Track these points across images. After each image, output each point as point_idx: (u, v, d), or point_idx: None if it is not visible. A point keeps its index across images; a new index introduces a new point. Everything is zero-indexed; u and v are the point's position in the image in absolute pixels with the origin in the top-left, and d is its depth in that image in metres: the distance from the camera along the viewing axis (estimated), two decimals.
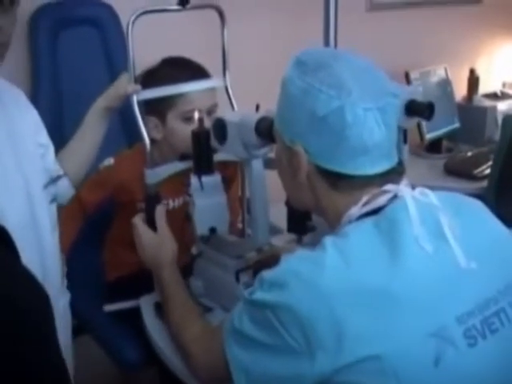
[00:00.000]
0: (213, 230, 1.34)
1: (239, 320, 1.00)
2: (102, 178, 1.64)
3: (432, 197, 0.99)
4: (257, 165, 1.26)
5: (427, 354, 0.87)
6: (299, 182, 1.04)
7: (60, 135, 1.82)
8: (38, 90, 1.95)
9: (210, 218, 1.33)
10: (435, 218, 0.96)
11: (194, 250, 1.51)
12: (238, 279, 1.37)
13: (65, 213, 1.65)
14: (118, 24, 2.02)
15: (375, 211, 0.98)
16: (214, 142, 1.30)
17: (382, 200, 0.98)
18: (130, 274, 1.73)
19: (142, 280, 1.51)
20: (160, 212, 1.38)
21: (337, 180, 1.00)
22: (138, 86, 1.43)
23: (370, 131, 0.97)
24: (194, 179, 1.34)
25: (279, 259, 1.35)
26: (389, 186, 0.99)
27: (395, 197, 0.98)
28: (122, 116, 1.88)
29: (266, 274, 0.97)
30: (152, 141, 1.55)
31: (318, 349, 0.88)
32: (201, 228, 1.34)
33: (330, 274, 0.90)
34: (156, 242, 1.36)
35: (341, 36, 1.93)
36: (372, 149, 0.98)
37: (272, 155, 1.29)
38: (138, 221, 1.39)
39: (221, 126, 1.26)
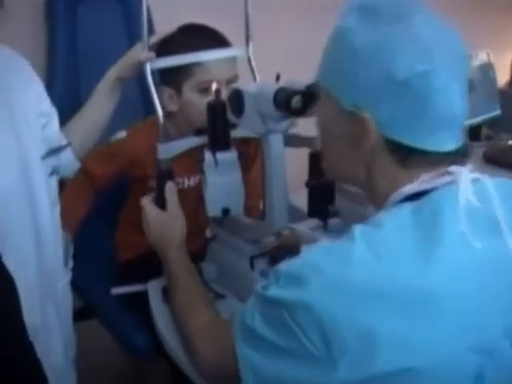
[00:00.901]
0: (226, 212, 1.23)
1: (251, 316, 0.88)
2: (113, 151, 1.54)
3: (489, 184, 0.85)
4: (275, 140, 1.14)
5: (468, 370, 0.75)
6: (355, 154, 0.90)
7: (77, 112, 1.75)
8: (55, 65, 1.87)
9: (224, 198, 1.22)
10: (489, 209, 0.83)
11: (207, 233, 1.41)
12: (252, 266, 1.26)
13: (71, 187, 1.56)
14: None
15: (419, 194, 0.85)
16: (230, 115, 1.19)
17: (437, 182, 0.85)
18: (142, 256, 1.64)
19: (153, 263, 1.41)
20: (170, 188, 1.28)
21: (407, 156, 0.86)
22: (152, 54, 1.33)
23: (454, 102, 0.84)
24: (207, 154, 1.23)
25: (300, 247, 1.25)
26: (453, 168, 0.86)
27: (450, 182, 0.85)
28: (141, 86, 1.78)
29: (284, 266, 0.85)
30: (167, 113, 1.46)
31: (341, 356, 0.76)
32: (213, 208, 1.23)
33: (357, 270, 0.78)
34: (162, 220, 1.27)
35: None
36: (453, 122, 0.85)
37: (293, 131, 1.19)
38: (146, 201, 1.30)
39: (237, 97, 1.14)
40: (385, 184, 0.89)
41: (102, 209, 1.71)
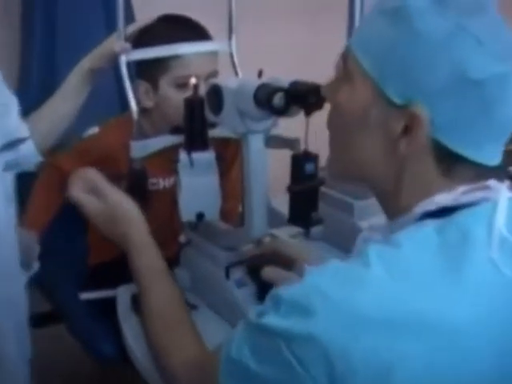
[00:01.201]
0: (200, 216, 1.14)
1: (238, 348, 0.76)
2: (85, 148, 1.45)
3: None
4: (256, 141, 1.06)
5: None
6: (387, 151, 0.78)
7: None
8: (31, 54, 1.78)
9: (198, 202, 1.14)
10: None
11: (181, 238, 1.32)
12: (228, 275, 1.17)
13: (41, 185, 1.47)
14: None
15: (444, 211, 0.75)
16: (208, 113, 1.10)
17: (473, 196, 0.75)
18: (114, 259, 1.55)
19: (126, 266, 1.33)
20: (93, 173, 1.22)
21: (455, 165, 0.76)
22: (127, 45, 1.24)
23: None
24: (182, 154, 1.14)
25: (282, 256, 1.17)
26: (492, 183, 0.76)
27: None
28: (117, 79, 1.69)
29: (285, 292, 0.73)
30: (143, 109, 1.38)
31: None
32: (186, 212, 1.14)
33: (373, 298, 0.68)
34: (104, 212, 1.18)
35: None
36: (507, 134, 0.76)
37: (276, 131, 1.10)
38: (77, 193, 1.20)
39: (216, 94, 1.06)
40: (414, 191, 0.78)
41: (74, 208, 1.62)
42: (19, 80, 1.80)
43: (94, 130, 1.43)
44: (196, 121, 1.14)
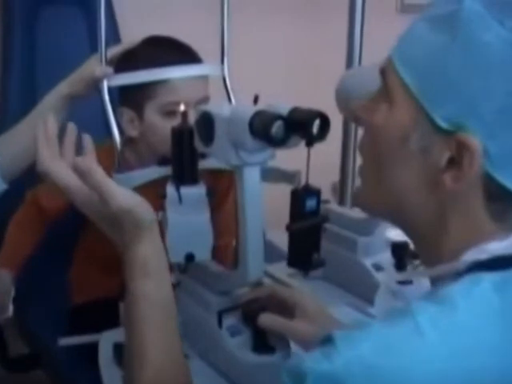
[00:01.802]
0: (190, 258, 1.02)
1: None
2: None
3: None
4: (251, 174, 0.95)
5: None
6: (429, 185, 0.68)
7: None
8: (10, 74, 1.68)
9: (188, 242, 1.02)
10: None
11: (172, 278, 1.20)
12: (220, 322, 1.06)
13: (18, 220, 1.37)
14: (108, 3, 1.74)
15: (499, 261, 0.63)
16: (198, 143, 1.00)
17: None
18: (99, 299, 1.44)
19: (112, 308, 1.22)
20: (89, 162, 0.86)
21: (508, 206, 0.65)
22: (109, 69, 1.14)
23: None
24: (170, 189, 1.03)
25: (281, 301, 1.05)
26: None
27: None
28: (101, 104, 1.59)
29: (314, 364, 0.57)
30: (128, 139, 1.27)
31: None
32: (174, 253, 1.02)
33: (430, 371, 0.55)
34: (106, 214, 0.83)
35: (367, 40, 1.65)
36: None
37: (272, 164, 0.99)
38: (51, 162, 0.85)
39: (207, 122, 0.95)
40: (461, 235, 0.67)
41: (56, 243, 1.50)
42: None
43: None
44: (185, 152, 1.03)
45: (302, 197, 0.95)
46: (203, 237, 1.03)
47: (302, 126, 0.85)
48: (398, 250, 1.26)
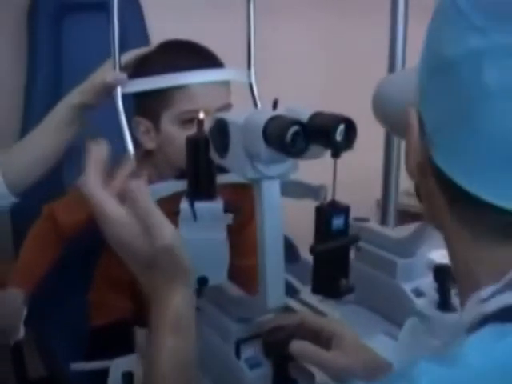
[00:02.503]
0: (203, 282, 0.92)
1: None
2: (79, 198, 1.25)
3: None
4: (270, 188, 0.84)
5: None
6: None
7: None
8: (34, 84, 1.61)
9: (201, 264, 0.91)
10: None
11: None
12: (238, 352, 0.95)
13: (35, 236, 1.29)
14: (139, 11, 1.67)
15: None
16: (213, 154, 0.90)
17: None
18: (119, 321, 1.36)
19: (132, 332, 1.13)
20: (138, 186, 0.77)
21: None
22: (122, 75, 1.06)
23: None
24: (184, 204, 0.94)
25: (313, 330, 0.94)
26: None
27: None
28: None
29: None
30: (146, 152, 1.18)
31: None
32: None
33: None
34: (147, 252, 0.75)
35: (412, 37, 1.53)
36: None
37: (293, 177, 0.89)
38: (97, 187, 0.78)
39: (222, 130, 0.85)
40: (465, 262, 0.59)
41: (74, 261, 1.43)
42: (24, 109, 1.64)
43: None
44: (200, 164, 0.93)
45: (328, 214, 0.84)
46: (218, 258, 0.93)
47: (323, 132, 0.74)
48: (440, 273, 1.13)
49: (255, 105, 1.21)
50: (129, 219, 0.75)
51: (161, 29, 1.59)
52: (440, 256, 1.47)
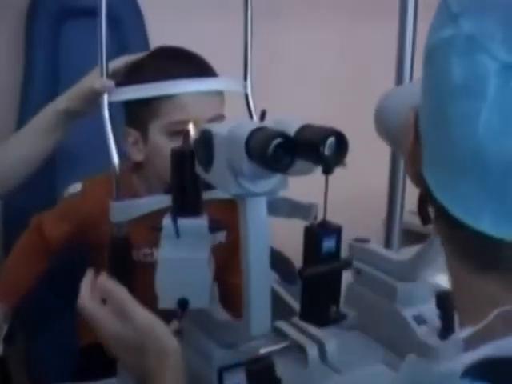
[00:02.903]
0: (183, 304, 0.86)
1: None
2: (66, 210, 1.20)
3: None
4: (255, 206, 0.78)
5: None
6: None
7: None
8: (31, 87, 1.57)
9: (181, 284, 0.86)
10: None
11: (173, 325, 1.04)
12: (221, 380, 0.89)
13: (18, 249, 1.24)
14: (139, 17, 1.62)
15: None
16: (198, 168, 0.84)
17: None
18: None
19: None
20: (119, 291, 0.86)
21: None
22: (110, 82, 1.00)
23: None
24: (166, 221, 0.88)
25: None
26: None
27: None
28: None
29: None
30: (136, 164, 1.13)
31: None
32: (165, 298, 0.86)
33: None
34: (129, 337, 0.82)
35: (421, 42, 1.46)
36: None
37: (282, 194, 0.83)
38: (89, 301, 0.86)
39: (206, 142, 0.79)
40: (453, 287, 0.55)
41: (61, 276, 1.37)
42: (20, 112, 1.60)
43: (76, 187, 1.19)
44: (185, 178, 0.87)
45: (318, 235, 0.77)
46: (200, 280, 0.86)
47: (311, 146, 0.68)
48: (442, 299, 1.06)
49: (251, 117, 1.15)
50: (115, 319, 0.83)
51: (161, 34, 1.54)
52: (446, 280, 1.40)
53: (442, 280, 1.22)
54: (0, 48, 1.62)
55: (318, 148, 0.66)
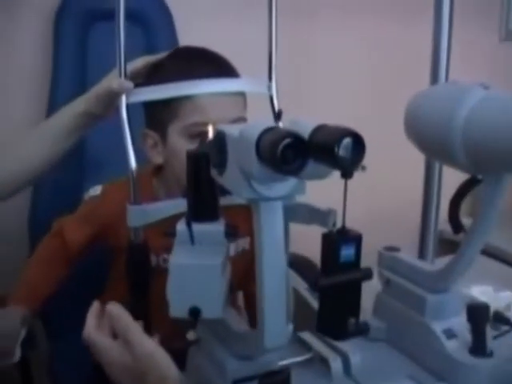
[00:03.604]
0: (195, 313, 0.82)
1: None
2: (86, 214, 1.18)
3: None
4: (269, 211, 0.74)
5: None
6: None
7: (81, 150, 1.45)
8: (59, 94, 1.56)
9: (194, 292, 0.82)
10: None
11: (190, 335, 1.00)
12: None
13: (38, 252, 1.22)
14: (168, 18, 1.60)
15: None
16: (212, 171, 0.80)
17: None
18: None
19: None
20: (128, 322, 0.85)
21: None
22: (128, 83, 0.97)
23: None
24: (180, 226, 0.84)
25: None
26: None
27: None
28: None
29: None
30: (157, 167, 1.10)
31: None
32: (176, 306, 0.82)
33: None
34: (128, 364, 0.82)
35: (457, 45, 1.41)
36: None
37: (300, 200, 0.78)
38: (94, 331, 0.86)
39: (220, 144, 0.76)
40: None
41: (82, 282, 1.36)
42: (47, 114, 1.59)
43: (96, 189, 1.16)
44: (201, 181, 0.84)
45: (336, 243, 0.73)
46: (213, 289, 0.82)
47: (324, 147, 0.63)
48: (473, 313, 1.00)
49: (275, 119, 1.11)
50: (118, 348, 0.83)
51: (190, 35, 1.52)
52: (480, 292, 1.33)
53: (478, 292, 1.16)
54: (28, 50, 1.61)
55: (332, 149, 0.61)
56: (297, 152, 0.62)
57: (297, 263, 1.45)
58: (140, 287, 1.03)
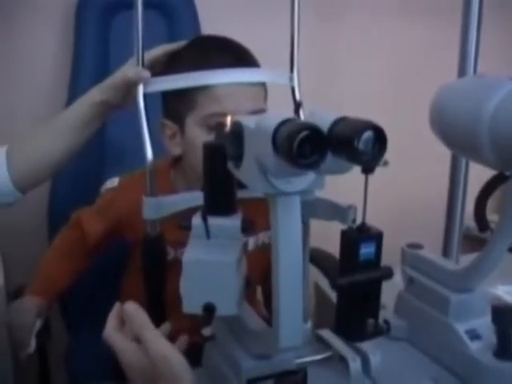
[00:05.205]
0: (209, 309, 0.80)
1: None
2: (104, 206, 1.17)
3: None
4: (286, 206, 0.71)
5: None
6: None
7: (101, 141, 1.43)
8: (81, 86, 1.54)
9: (208, 289, 0.80)
10: None
11: (206, 331, 0.98)
12: None
13: (57, 243, 1.20)
14: (192, 9, 1.58)
15: None
16: (229, 163, 0.78)
17: None
18: None
19: None
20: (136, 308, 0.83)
21: None
22: (145, 72, 0.95)
23: None
24: (195, 219, 0.82)
25: None
26: None
27: None
28: None
29: None
30: (175, 159, 1.08)
31: None
32: (190, 302, 0.80)
33: None
34: (143, 364, 0.79)
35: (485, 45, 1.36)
36: None
37: (320, 194, 0.76)
38: (114, 332, 0.83)
39: (237, 136, 0.73)
40: None
41: (100, 274, 1.34)
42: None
43: (114, 181, 1.14)
44: (217, 174, 0.81)
45: (356, 241, 0.70)
46: (228, 285, 0.79)
47: (344, 141, 0.60)
48: (498, 314, 0.96)
49: (296, 112, 1.08)
50: (136, 350, 0.79)
51: (214, 26, 1.49)
52: (506, 292, 1.29)
53: (504, 291, 1.12)
54: (49, 42, 1.60)
55: (351, 142, 0.59)
56: (315, 145, 0.59)
57: (320, 259, 1.43)
58: (156, 281, 1.01)
